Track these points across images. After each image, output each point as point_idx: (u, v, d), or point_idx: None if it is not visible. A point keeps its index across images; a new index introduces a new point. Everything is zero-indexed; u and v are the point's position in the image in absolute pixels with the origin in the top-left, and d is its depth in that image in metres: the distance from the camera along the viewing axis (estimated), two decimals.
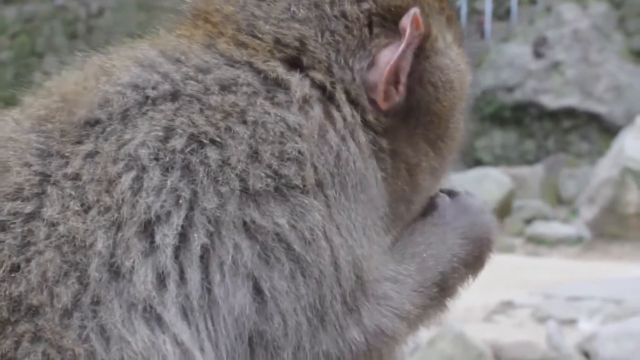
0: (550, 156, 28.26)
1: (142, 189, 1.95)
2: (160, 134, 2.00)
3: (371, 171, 2.13)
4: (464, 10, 32.32)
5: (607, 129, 28.28)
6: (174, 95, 2.06)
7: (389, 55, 2.18)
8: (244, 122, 2.03)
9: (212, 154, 1.99)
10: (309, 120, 2.07)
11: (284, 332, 1.96)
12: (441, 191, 2.36)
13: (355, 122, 2.14)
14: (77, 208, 1.93)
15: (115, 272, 1.88)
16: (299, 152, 2.02)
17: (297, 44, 2.16)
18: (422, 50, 2.23)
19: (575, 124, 29.34)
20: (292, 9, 2.18)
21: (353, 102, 2.17)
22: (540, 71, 29.55)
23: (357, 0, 2.19)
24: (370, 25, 2.19)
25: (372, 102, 2.18)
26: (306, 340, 1.98)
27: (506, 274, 16.38)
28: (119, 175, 1.96)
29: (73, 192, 1.95)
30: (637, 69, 29.53)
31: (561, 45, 29.55)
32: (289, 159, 2.01)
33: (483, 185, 22.61)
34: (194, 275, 1.92)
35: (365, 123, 2.17)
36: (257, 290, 1.95)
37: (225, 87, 2.07)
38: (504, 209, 22.77)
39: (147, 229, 1.92)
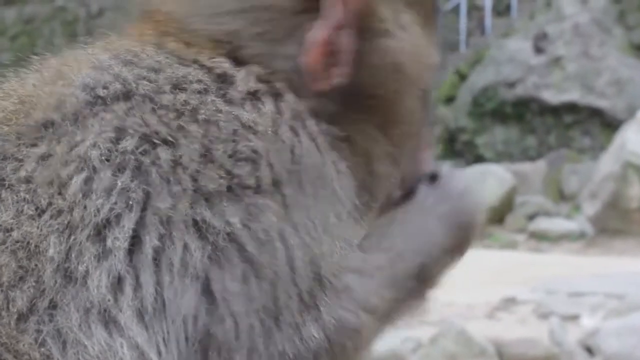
0: (552, 152, 28.23)
1: (92, 191, 1.93)
2: (112, 134, 1.98)
3: (330, 164, 2.08)
4: (464, 7, 32.31)
5: (608, 124, 28.25)
6: (126, 95, 2.03)
7: (314, 35, 2.12)
8: (196, 121, 2.00)
9: (164, 154, 1.97)
10: (261, 116, 2.04)
11: (235, 335, 1.93)
12: (423, 174, 2.30)
13: (303, 112, 2.09)
14: (31, 212, 1.91)
15: (69, 276, 1.86)
16: (253, 150, 2.00)
17: (231, 38, 2.14)
18: (363, 30, 2.14)
19: (577, 119, 29.31)
20: (220, 2, 2.16)
21: (296, 91, 2.12)
22: (541, 66, 29.53)
23: None
24: (300, 8, 2.14)
25: (314, 88, 2.14)
26: (260, 342, 1.94)
27: (508, 270, 16.39)
28: (70, 178, 1.94)
29: (27, 196, 1.93)
30: (638, 63, 29.50)
31: (562, 40, 29.52)
32: (242, 158, 1.99)
33: (485, 182, 22.59)
34: (147, 277, 1.90)
35: (313, 112, 2.11)
36: (208, 292, 1.92)
37: (176, 86, 2.05)
38: (506, 206, 22.76)
39: (100, 232, 1.90)
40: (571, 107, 29.20)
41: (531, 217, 22.60)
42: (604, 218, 20.32)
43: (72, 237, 1.89)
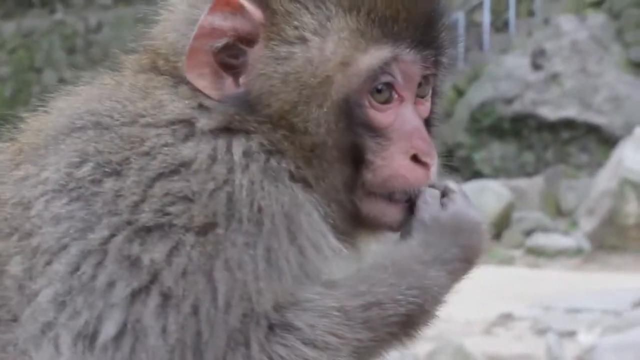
0: (549, 168, 28.25)
1: (49, 216, 2.05)
2: (74, 160, 2.09)
3: (275, 197, 2.06)
4: (462, 22, 32.37)
5: (606, 140, 28.28)
6: (95, 125, 2.13)
7: (194, 46, 2.15)
8: (141, 154, 2.07)
9: (110, 184, 2.04)
10: (199, 153, 2.07)
11: None
12: (423, 191, 2.21)
13: (240, 146, 2.10)
14: (7, 231, 2.09)
15: (26, 295, 2.02)
16: (190, 190, 2.03)
17: (163, 65, 2.23)
18: (268, 39, 2.14)
19: (574, 135, 29.34)
20: (178, 38, 2.23)
21: (211, 112, 2.15)
22: (539, 83, 29.57)
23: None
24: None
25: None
26: None
27: (505, 286, 16.38)
28: (34, 201, 2.08)
29: (7, 217, 2.10)
30: (636, 80, 29.55)
31: (559, 56, 29.58)
32: (178, 197, 2.03)
33: (482, 197, 22.58)
34: (80, 304, 2.00)
35: (242, 131, 2.12)
36: (124, 325, 1.99)
37: (134, 118, 2.12)
38: (503, 221, 22.76)
39: (51, 256, 2.03)
40: (569, 124, 29.23)
41: (528, 233, 22.59)
42: (601, 234, 20.33)
43: (32, 260, 2.04)
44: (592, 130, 29.12)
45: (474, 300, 15.01)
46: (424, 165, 2.22)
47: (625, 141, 21.05)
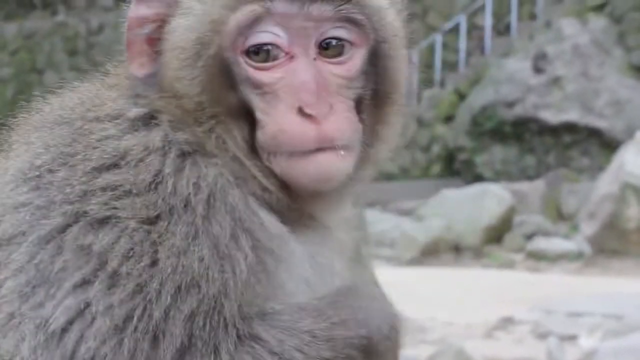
0: (550, 171, 28.23)
1: (11, 204, 2.14)
2: (39, 150, 2.19)
3: (197, 178, 2.12)
4: (463, 26, 32.36)
5: (607, 144, 28.26)
6: (59, 119, 2.24)
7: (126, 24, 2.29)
8: (88, 146, 2.15)
9: (62, 173, 2.13)
10: (131, 145, 2.15)
11: (97, 347, 2.01)
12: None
13: (171, 135, 2.18)
14: None
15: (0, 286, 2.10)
16: (127, 183, 2.10)
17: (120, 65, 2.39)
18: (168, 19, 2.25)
19: (576, 139, 29.33)
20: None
21: (140, 100, 2.25)
22: (541, 86, 29.56)
23: None
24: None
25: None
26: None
27: (506, 290, 16.36)
28: (1, 190, 2.19)
29: None
30: (638, 84, 29.54)
31: (561, 60, 29.57)
32: (120, 190, 2.09)
33: (483, 201, 22.57)
34: (41, 294, 2.06)
35: (157, 113, 2.21)
36: (74, 311, 2.04)
37: (85, 113, 2.23)
38: (504, 225, 22.73)
39: (12, 246, 2.11)
40: (570, 127, 29.22)
41: (529, 237, 22.57)
42: (602, 238, 20.31)
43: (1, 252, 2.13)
44: (594, 134, 29.11)
45: (474, 303, 15.02)
46: (311, 118, 2.15)
47: (627, 145, 21.03)
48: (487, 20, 32.52)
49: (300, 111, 2.15)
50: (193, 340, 2.02)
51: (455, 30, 32.68)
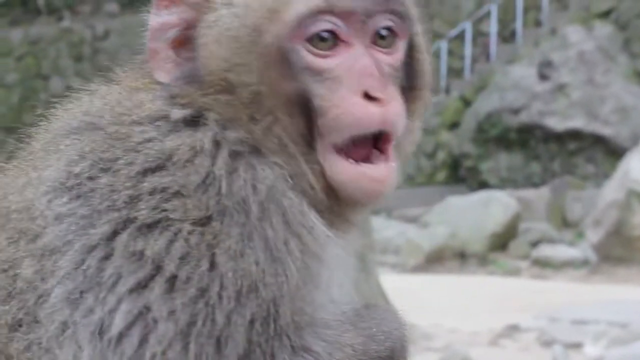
0: (556, 178, 28.22)
1: (52, 215, 2.11)
2: (73, 158, 2.15)
3: (252, 180, 2.10)
4: (469, 33, 32.37)
5: (612, 151, 28.25)
6: (88, 126, 2.20)
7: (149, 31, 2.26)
8: (128, 150, 2.12)
9: (105, 179, 2.09)
10: (178, 145, 2.12)
11: (162, 353, 2.00)
12: None
13: (222, 135, 2.14)
14: (16, 237, 2.14)
15: (39, 296, 2.08)
16: (176, 184, 2.07)
17: (145, 70, 2.30)
18: (198, 18, 2.22)
19: (581, 146, 29.32)
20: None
21: (179, 101, 2.20)
22: (546, 93, 29.55)
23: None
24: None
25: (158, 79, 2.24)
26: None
27: (512, 297, 16.35)
28: (37, 202, 2.15)
29: (15, 223, 2.16)
30: None
31: (566, 67, 29.56)
32: (169, 192, 2.07)
33: (489, 208, 22.57)
34: (91, 301, 2.04)
35: (205, 111, 2.17)
36: (133, 315, 2.02)
37: (120, 117, 2.19)
38: (509, 232, 22.72)
39: (57, 255, 2.08)
40: (575, 134, 29.21)
41: (534, 244, 22.56)
42: (607, 245, 20.28)
43: (42, 262, 2.10)
44: (599, 141, 29.09)
45: (480, 311, 15.00)
46: (377, 100, 2.16)
47: (632, 152, 21.01)
48: (493, 27, 32.53)
49: (365, 94, 2.16)
50: (252, 347, 2.01)
51: (460, 37, 32.69)
